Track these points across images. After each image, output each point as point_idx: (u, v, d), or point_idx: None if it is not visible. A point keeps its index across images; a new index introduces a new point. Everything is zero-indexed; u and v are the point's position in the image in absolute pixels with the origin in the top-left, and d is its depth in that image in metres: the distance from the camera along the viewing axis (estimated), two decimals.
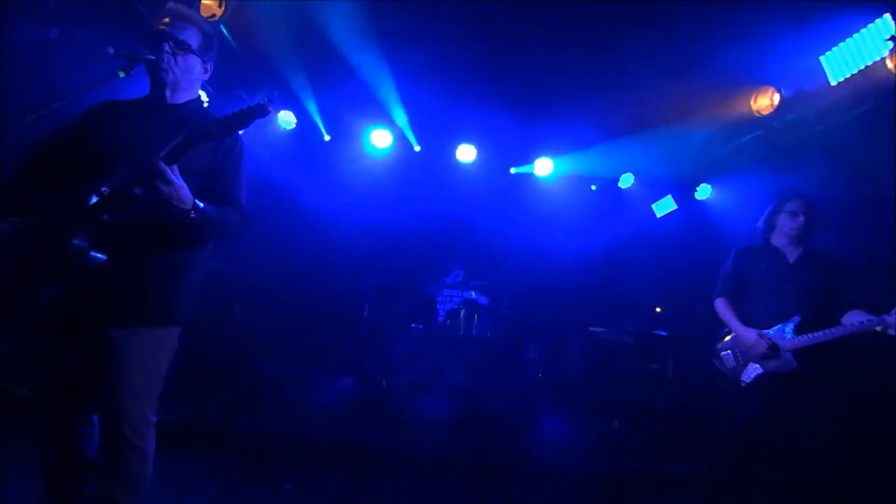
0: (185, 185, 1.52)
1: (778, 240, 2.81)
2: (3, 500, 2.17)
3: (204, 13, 3.62)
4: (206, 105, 1.85)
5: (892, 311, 2.36)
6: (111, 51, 1.63)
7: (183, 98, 1.81)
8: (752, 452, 2.64)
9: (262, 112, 1.49)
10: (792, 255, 2.76)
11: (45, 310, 1.60)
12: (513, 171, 6.22)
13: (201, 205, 1.58)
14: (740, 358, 2.70)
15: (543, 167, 5.80)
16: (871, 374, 3.43)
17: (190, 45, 1.75)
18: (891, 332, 2.36)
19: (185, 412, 3.33)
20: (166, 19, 1.77)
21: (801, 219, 2.71)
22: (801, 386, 2.55)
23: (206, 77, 1.88)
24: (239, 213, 1.76)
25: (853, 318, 2.48)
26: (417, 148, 5.78)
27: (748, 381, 2.64)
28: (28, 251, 1.52)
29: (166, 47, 1.71)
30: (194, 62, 1.79)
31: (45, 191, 1.64)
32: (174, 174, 1.48)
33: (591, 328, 5.16)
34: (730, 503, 2.67)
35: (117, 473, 1.66)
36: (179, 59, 1.74)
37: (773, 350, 2.56)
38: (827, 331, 2.48)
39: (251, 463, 3.09)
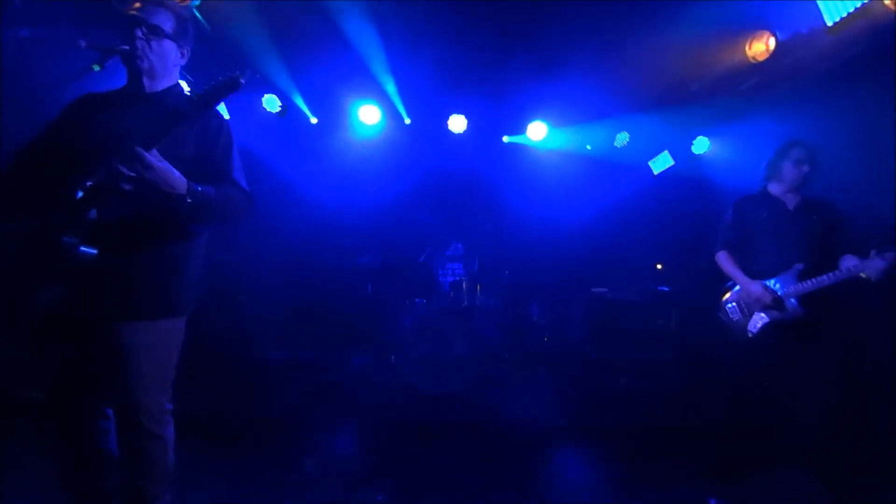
0: (172, 168, 1.49)
1: (776, 187, 2.80)
2: (4, 501, 2.21)
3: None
4: (187, 93, 1.79)
5: (871, 255, 2.40)
6: (83, 44, 1.58)
7: (162, 85, 1.76)
8: (760, 402, 2.69)
9: (233, 85, 1.45)
10: (791, 202, 2.76)
11: (47, 309, 1.59)
12: (506, 139, 6.13)
13: (199, 188, 1.55)
14: (745, 309, 2.73)
15: (537, 132, 5.71)
16: (876, 321, 3.45)
17: (163, 30, 1.70)
18: (870, 275, 2.39)
19: (196, 402, 3.38)
20: (137, 4, 1.70)
21: (806, 167, 2.69)
22: (808, 333, 2.58)
23: (184, 62, 1.83)
24: (238, 188, 1.74)
25: (848, 263, 2.50)
26: (408, 121, 5.67)
27: (755, 331, 2.67)
28: (21, 251, 1.51)
29: (139, 33, 1.66)
30: (169, 47, 1.74)
31: (33, 190, 1.62)
32: (156, 158, 1.45)
33: (593, 289, 5.19)
34: (739, 454, 2.74)
35: (140, 464, 1.70)
36: (154, 44, 1.69)
37: (778, 300, 2.59)
38: (828, 275, 2.50)
39: (266, 448, 3.15)
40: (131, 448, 1.70)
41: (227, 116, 1.61)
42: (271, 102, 5.12)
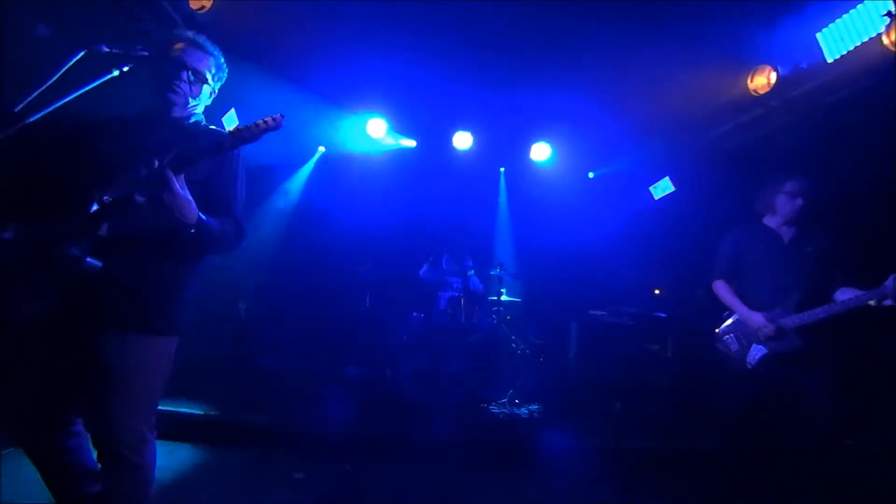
0: (191, 199, 1.51)
1: (772, 220, 2.83)
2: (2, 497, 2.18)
3: (193, 5, 3.57)
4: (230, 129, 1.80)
5: (886, 283, 2.38)
6: (105, 49, 1.61)
7: (185, 113, 1.81)
8: (757, 432, 2.68)
9: (275, 126, 1.51)
10: (787, 235, 2.78)
11: (39, 319, 1.55)
12: (502, 170, 6.32)
13: (204, 218, 1.58)
14: (744, 340, 2.72)
15: (540, 152, 5.79)
16: (873, 351, 3.46)
17: (205, 77, 1.78)
18: (888, 302, 2.37)
19: (194, 408, 3.38)
20: (179, 45, 1.75)
21: (800, 201, 2.72)
22: (806, 364, 2.57)
23: (210, 101, 1.89)
24: (236, 224, 1.76)
25: (847, 294, 2.52)
26: (413, 143, 5.80)
27: (753, 363, 2.66)
28: (24, 260, 1.49)
29: (184, 76, 1.72)
30: (206, 90, 1.82)
31: (43, 198, 1.63)
32: (180, 186, 1.48)
33: (590, 311, 5.19)
34: (735, 483, 2.72)
35: (115, 492, 1.62)
36: (195, 88, 1.76)
37: (780, 331, 2.59)
38: (825, 307, 2.52)
39: (261, 455, 3.16)
40: (107, 474, 1.61)
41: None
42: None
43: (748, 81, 3.86)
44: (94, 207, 1.50)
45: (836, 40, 3.20)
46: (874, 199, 3.52)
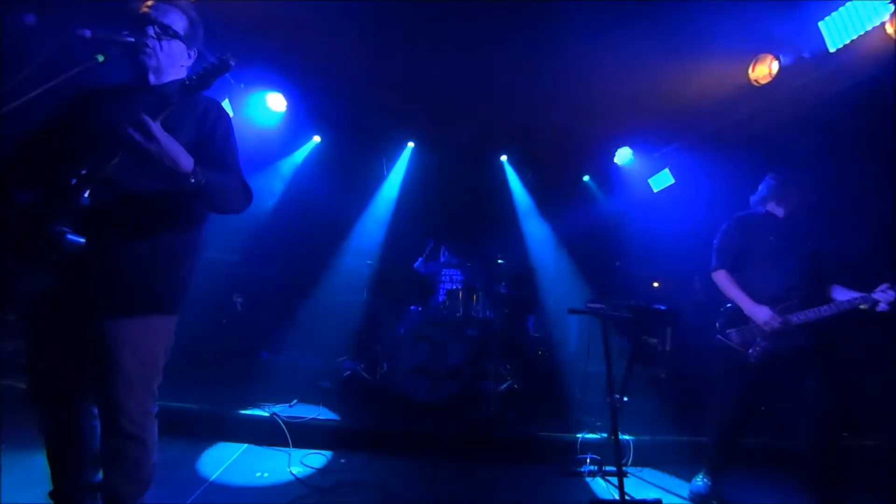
0: (177, 143, 1.45)
1: (779, 211, 2.79)
2: (2, 496, 2.17)
3: None
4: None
5: (878, 289, 2.41)
6: (88, 34, 1.57)
7: (166, 80, 1.76)
8: (756, 425, 2.67)
9: (223, 67, 1.47)
10: (793, 227, 2.75)
11: (36, 300, 1.57)
12: (504, 159, 6.28)
13: (204, 169, 1.53)
14: (746, 333, 2.69)
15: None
16: (874, 349, 3.45)
17: (175, 30, 1.71)
18: (881, 307, 2.40)
19: (189, 401, 3.36)
20: (149, 2, 1.70)
21: (808, 193, 2.71)
22: (808, 359, 2.56)
23: (191, 63, 1.84)
24: (240, 178, 1.71)
25: (846, 295, 2.50)
26: (411, 144, 5.76)
27: (755, 356, 2.63)
28: (9, 241, 1.48)
29: (150, 31, 1.67)
30: (179, 47, 1.75)
31: (28, 183, 1.59)
32: (160, 131, 1.41)
33: (589, 304, 5.17)
34: (729, 474, 2.71)
35: (117, 466, 1.64)
36: (164, 43, 1.70)
37: (786, 326, 2.56)
38: (831, 305, 2.50)
39: (256, 450, 3.16)
40: (111, 449, 1.63)
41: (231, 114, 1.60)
42: (276, 105, 5.12)
43: (749, 71, 3.80)
44: (73, 182, 1.47)
45: (838, 29, 3.15)
46: (876, 191, 3.48)
